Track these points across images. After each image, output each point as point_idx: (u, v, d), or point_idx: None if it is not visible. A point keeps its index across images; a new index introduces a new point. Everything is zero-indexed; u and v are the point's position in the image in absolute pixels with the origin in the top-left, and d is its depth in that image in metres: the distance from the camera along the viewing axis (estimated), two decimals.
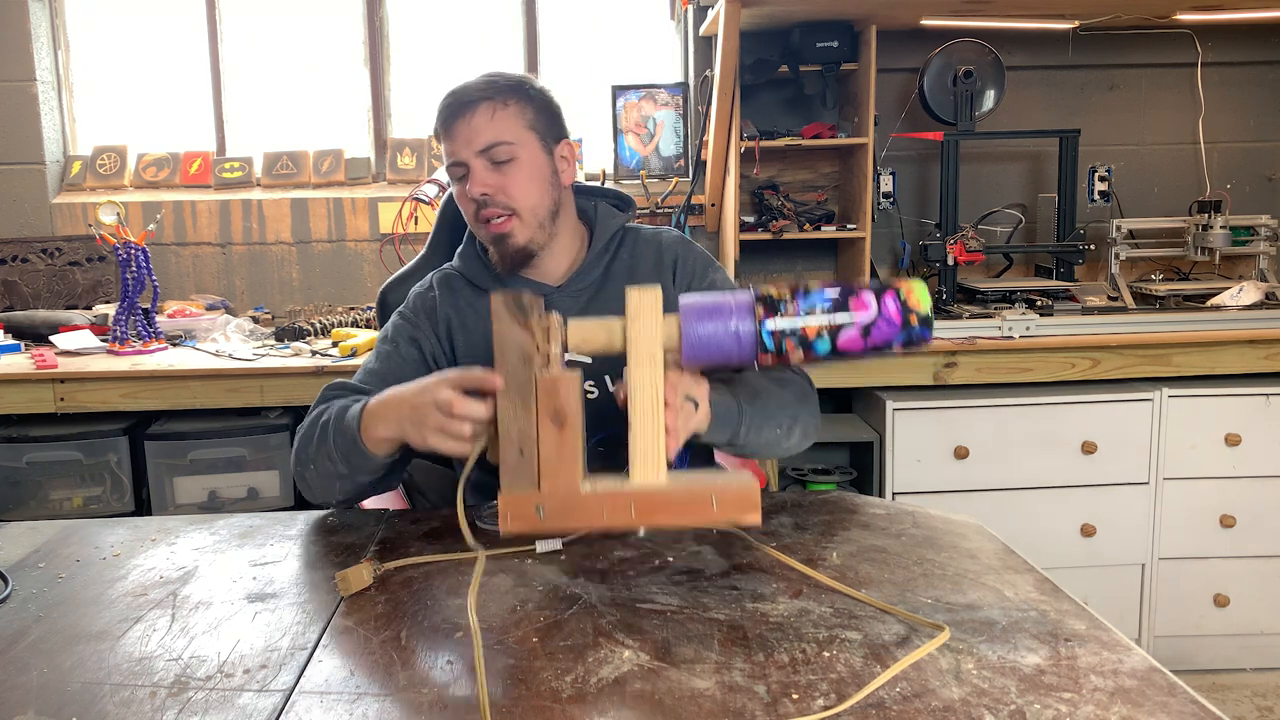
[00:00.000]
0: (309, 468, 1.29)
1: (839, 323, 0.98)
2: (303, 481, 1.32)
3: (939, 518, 1.28)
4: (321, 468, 1.27)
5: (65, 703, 0.85)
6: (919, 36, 2.77)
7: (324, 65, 3.17)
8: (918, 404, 2.40)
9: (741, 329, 0.98)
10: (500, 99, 1.36)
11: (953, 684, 0.84)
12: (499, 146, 1.35)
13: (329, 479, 1.28)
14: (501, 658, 0.91)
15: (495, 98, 1.36)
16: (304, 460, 1.30)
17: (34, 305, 2.88)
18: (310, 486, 1.31)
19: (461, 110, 1.36)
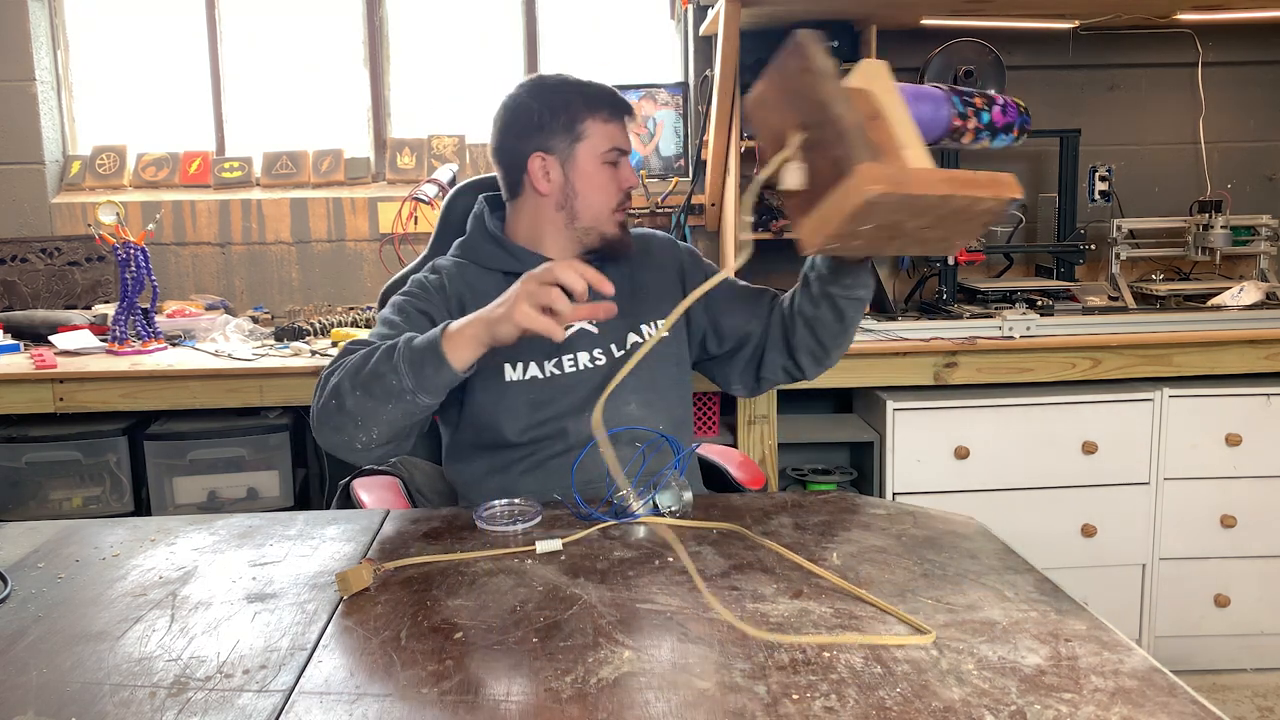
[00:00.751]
0: (348, 403, 1.27)
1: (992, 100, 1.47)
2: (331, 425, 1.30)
3: (939, 518, 1.28)
4: (364, 403, 1.27)
5: (65, 703, 0.84)
6: (919, 36, 2.77)
7: (324, 65, 3.17)
8: (918, 404, 2.40)
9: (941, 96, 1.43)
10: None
11: (953, 684, 0.84)
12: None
13: (372, 414, 1.27)
14: (502, 658, 0.90)
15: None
16: (342, 397, 1.28)
17: (33, 305, 2.88)
18: (341, 428, 1.30)
19: (629, 109, 1.51)
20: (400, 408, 1.27)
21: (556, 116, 1.46)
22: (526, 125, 1.48)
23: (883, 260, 2.96)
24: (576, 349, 1.50)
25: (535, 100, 1.48)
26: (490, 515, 1.28)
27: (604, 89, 1.49)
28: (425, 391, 1.26)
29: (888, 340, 2.41)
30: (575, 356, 1.49)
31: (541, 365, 1.48)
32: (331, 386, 1.30)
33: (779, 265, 3.02)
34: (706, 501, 1.36)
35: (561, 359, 1.48)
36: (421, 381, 1.25)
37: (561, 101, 1.47)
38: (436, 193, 2.65)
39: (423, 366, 1.24)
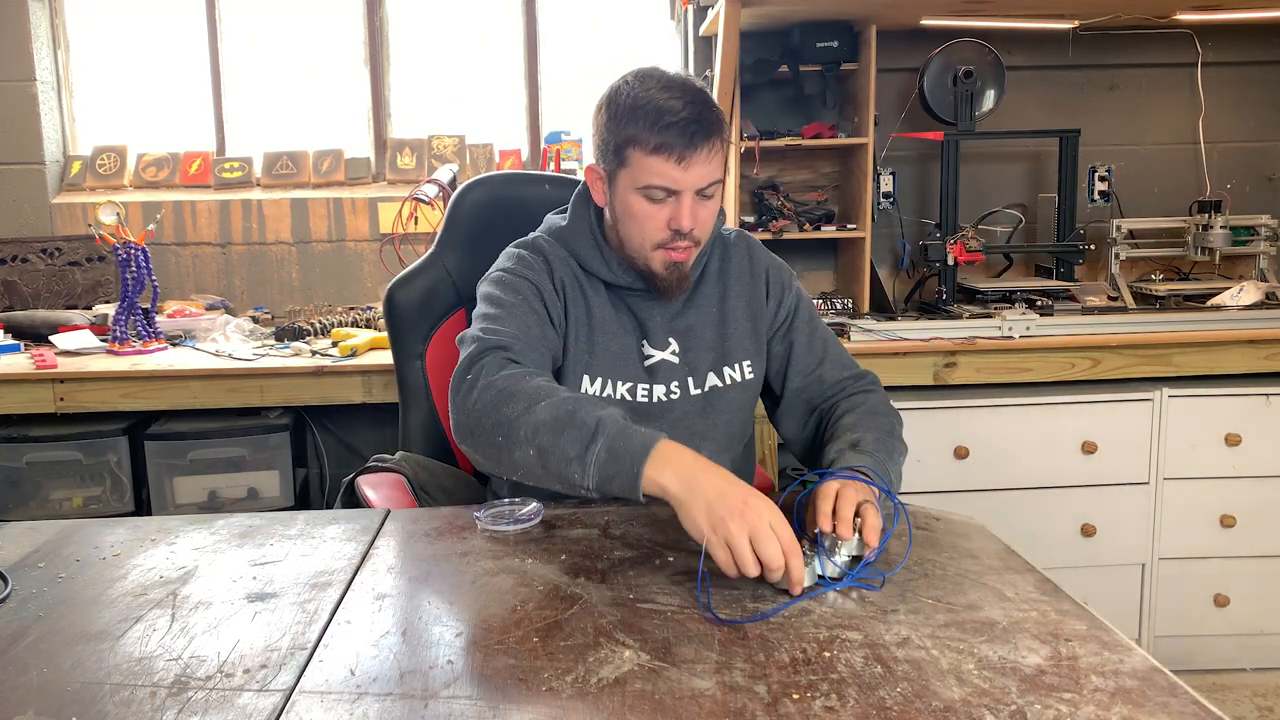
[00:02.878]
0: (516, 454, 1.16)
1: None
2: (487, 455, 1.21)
3: (939, 517, 1.28)
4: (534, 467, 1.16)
5: (65, 703, 0.84)
6: (919, 36, 2.77)
7: (324, 65, 3.17)
8: (918, 404, 2.40)
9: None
10: (719, 135, 1.31)
11: (953, 684, 0.84)
12: (713, 185, 1.33)
13: (535, 476, 1.17)
14: (502, 658, 0.91)
15: (716, 134, 1.30)
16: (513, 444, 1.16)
17: (34, 305, 2.88)
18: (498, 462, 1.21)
19: (697, 143, 1.28)
20: (570, 491, 1.16)
21: (611, 131, 1.32)
22: (595, 128, 1.36)
23: (882, 260, 2.97)
24: (654, 380, 1.42)
25: (609, 104, 1.33)
26: (491, 515, 1.28)
27: (665, 113, 1.27)
28: (601, 495, 1.14)
29: (888, 340, 2.41)
30: (651, 388, 1.41)
31: (616, 386, 1.41)
32: (501, 419, 1.17)
33: None
34: None
35: (637, 386, 1.41)
36: (603, 490, 1.12)
37: (622, 115, 1.30)
38: (437, 193, 2.65)
39: (611, 480, 1.10)
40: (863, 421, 1.35)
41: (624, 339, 1.42)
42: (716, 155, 1.31)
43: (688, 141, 1.27)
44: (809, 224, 2.73)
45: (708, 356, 1.44)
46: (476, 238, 1.70)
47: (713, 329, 1.45)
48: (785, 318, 1.50)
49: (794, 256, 3.00)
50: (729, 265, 1.49)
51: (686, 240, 1.34)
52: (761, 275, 1.49)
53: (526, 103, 3.17)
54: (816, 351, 1.49)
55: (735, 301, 1.47)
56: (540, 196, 1.76)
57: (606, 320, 1.42)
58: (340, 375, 2.34)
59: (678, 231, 1.32)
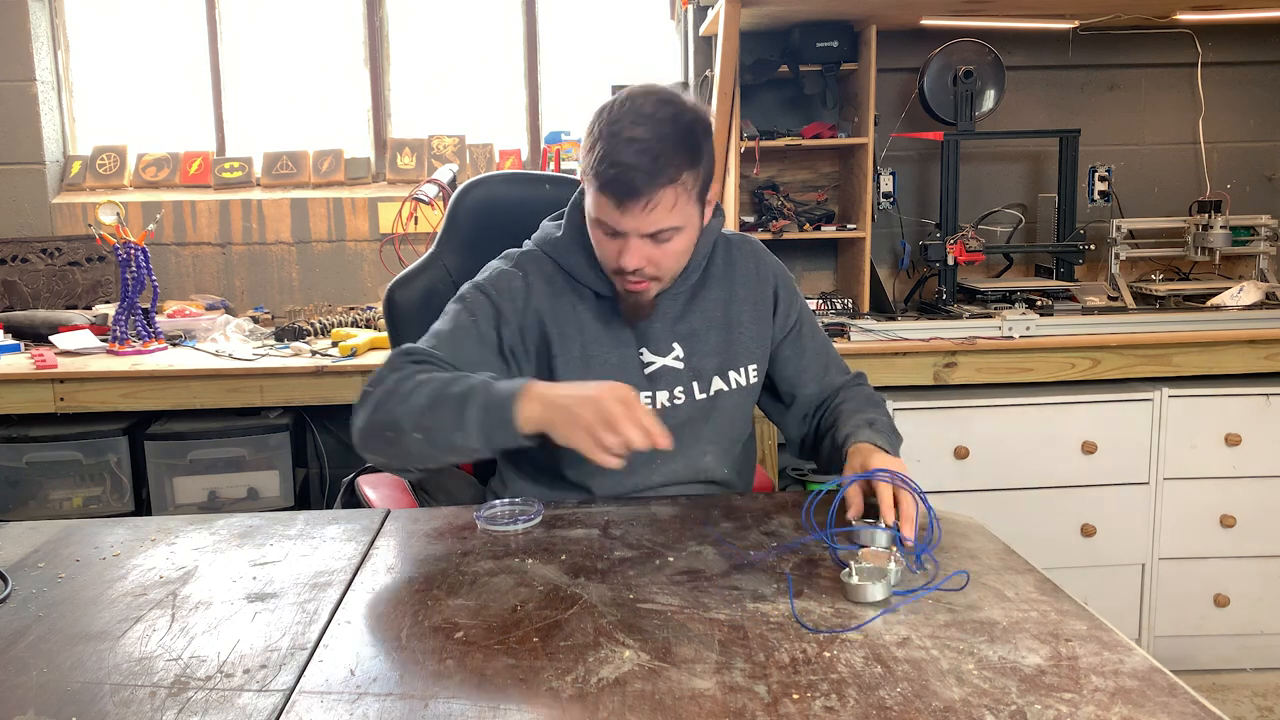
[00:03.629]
0: (406, 443, 1.21)
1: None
2: (381, 452, 1.26)
3: (939, 517, 1.28)
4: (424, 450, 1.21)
5: (65, 703, 0.84)
6: (919, 36, 2.77)
7: (324, 65, 3.17)
8: (918, 404, 2.40)
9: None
10: (682, 179, 1.26)
11: (953, 684, 0.84)
12: (667, 231, 1.29)
13: (430, 458, 1.23)
14: (502, 658, 0.91)
15: (678, 177, 1.25)
16: (400, 433, 1.21)
17: (34, 305, 2.88)
18: (392, 458, 1.26)
19: (635, 195, 1.24)
20: (462, 457, 1.24)
21: (584, 151, 1.31)
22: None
23: (882, 260, 2.97)
24: (657, 387, 1.40)
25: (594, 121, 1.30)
26: (491, 515, 1.28)
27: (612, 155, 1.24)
28: (496, 450, 1.21)
29: (887, 340, 2.41)
30: (655, 395, 1.40)
31: None
32: (387, 416, 1.22)
33: None
34: (707, 502, 1.36)
35: (639, 395, 1.34)
36: (490, 443, 1.18)
37: (594, 140, 1.28)
38: (437, 193, 2.65)
39: (494, 431, 1.17)
40: (867, 407, 1.42)
41: (621, 349, 1.40)
42: (663, 203, 1.25)
43: (625, 191, 1.24)
44: (809, 224, 2.73)
45: (713, 360, 1.43)
46: (476, 238, 1.70)
47: (718, 333, 1.44)
48: (794, 323, 1.50)
49: (794, 256, 3.00)
50: (734, 269, 1.47)
51: (637, 277, 1.32)
52: (769, 279, 1.49)
53: (526, 103, 3.17)
54: (823, 358, 1.52)
55: (741, 305, 1.45)
56: (540, 196, 1.76)
57: (600, 332, 1.40)
58: (340, 375, 2.34)
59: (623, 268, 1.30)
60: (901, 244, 2.88)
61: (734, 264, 1.48)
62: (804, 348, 1.50)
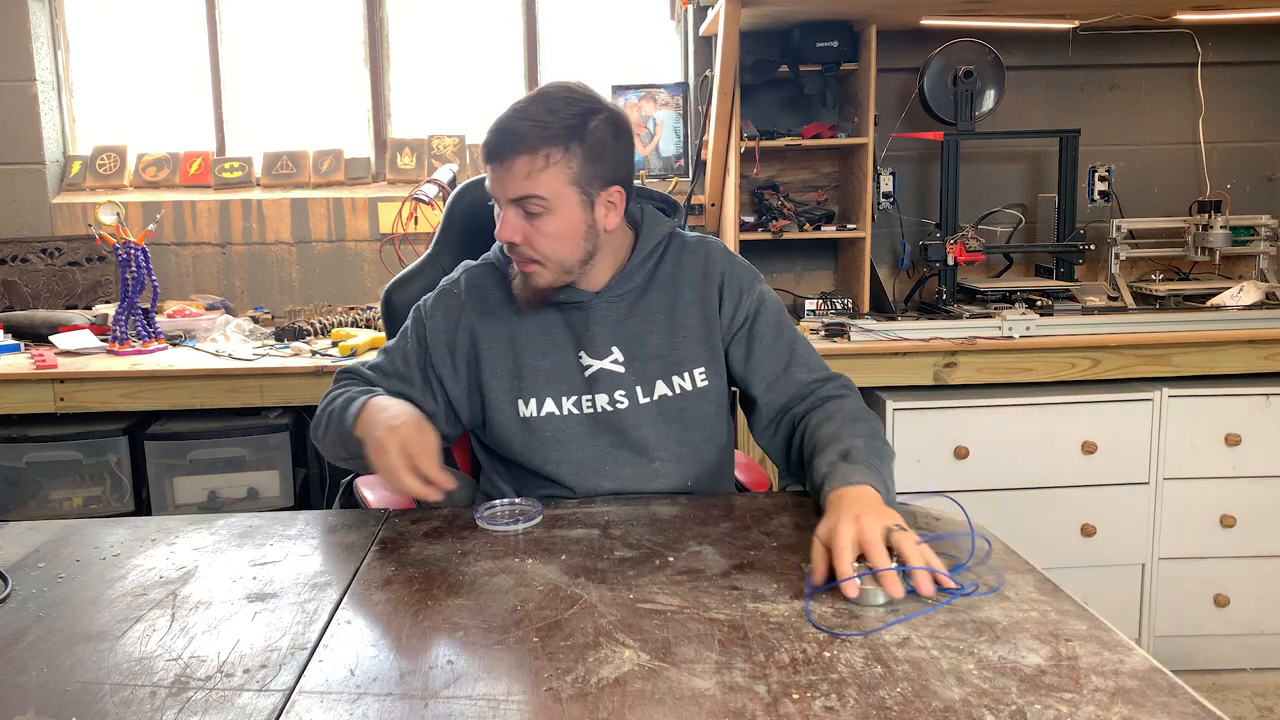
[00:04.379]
0: (322, 444, 1.40)
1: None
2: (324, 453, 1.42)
3: (939, 517, 1.28)
4: (328, 449, 1.39)
5: (65, 703, 0.84)
6: (919, 36, 2.77)
7: (324, 65, 3.17)
8: (918, 404, 2.40)
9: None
10: (545, 151, 1.27)
11: (953, 684, 0.84)
12: (531, 200, 1.29)
13: (335, 457, 1.39)
14: (502, 658, 0.91)
15: (539, 149, 1.27)
16: (317, 438, 1.41)
17: (34, 305, 2.88)
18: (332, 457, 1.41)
19: (500, 153, 1.28)
20: (354, 462, 1.35)
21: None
22: None
23: (882, 260, 2.97)
24: (596, 389, 1.39)
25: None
26: (490, 515, 1.28)
27: (492, 128, 1.30)
28: (359, 458, 1.31)
29: (887, 340, 2.41)
30: (595, 398, 1.39)
31: (560, 403, 1.39)
32: (312, 427, 1.43)
33: (778, 265, 3.03)
34: (707, 502, 1.36)
35: (581, 398, 1.39)
36: (351, 453, 1.33)
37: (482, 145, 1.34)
38: (437, 193, 2.65)
39: (347, 441, 1.32)
40: (844, 429, 1.30)
41: (556, 354, 1.40)
42: (534, 173, 1.27)
43: (492, 150, 1.30)
44: (809, 224, 2.73)
45: (656, 365, 1.40)
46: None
47: (661, 336, 1.41)
48: (744, 321, 1.44)
49: (794, 256, 3.00)
50: (682, 271, 1.44)
51: (515, 253, 1.34)
52: (716, 279, 1.44)
53: None
54: (782, 355, 1.44)
55: (687, 308, 1.42)
56: None
57: (534, 339, 1.40)
58: None
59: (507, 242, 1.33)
60: (901, 244, 2.89)
61: (684, 265, 1.44)
62: (753, 348, 1.43)
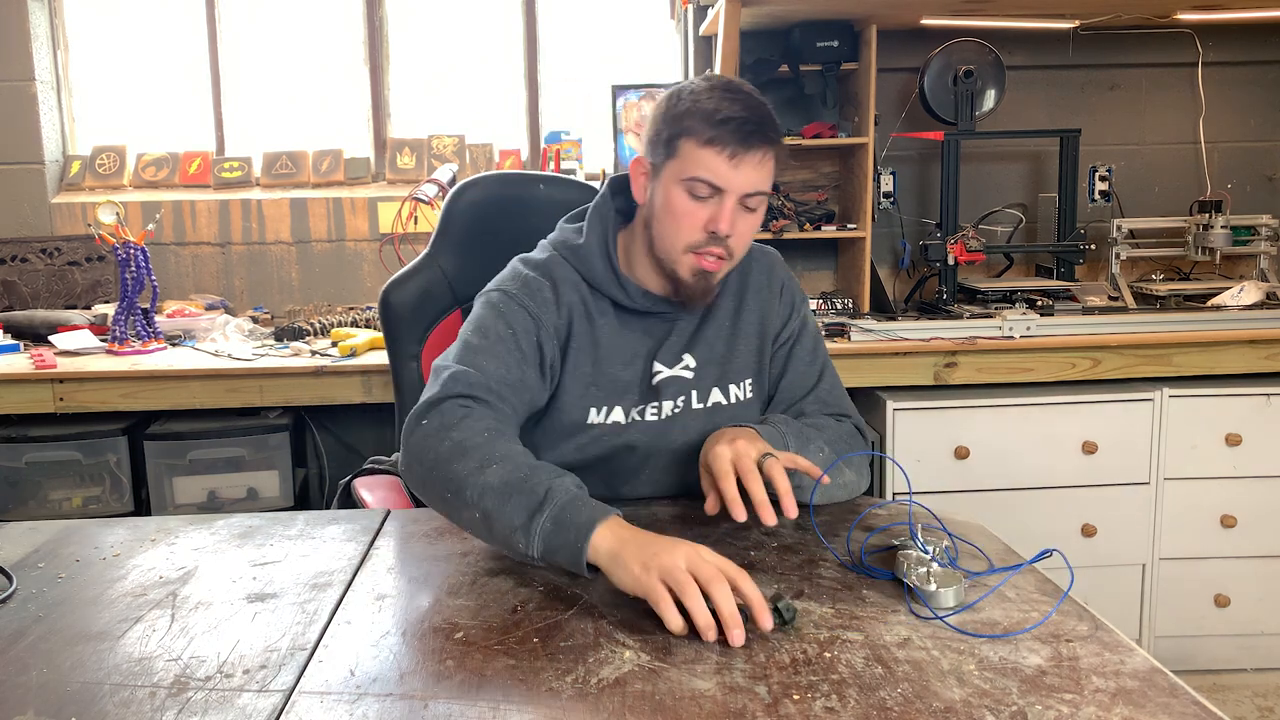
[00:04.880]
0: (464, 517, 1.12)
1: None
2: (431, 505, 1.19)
3: (940, 518, 1.27)
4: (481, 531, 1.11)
5: (65, 703, 0.84)
6: (919, 36, 2.77)
7: (324, 65, 3.17)
8: (918, 404, 2.40)
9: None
10: (773, 146, 1.27)
11: (954, 685, 0.84)
12: (758, 196, 1.27)
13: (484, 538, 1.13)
14: (502, 658, 0.90)
15: (770, 144, 1.26)
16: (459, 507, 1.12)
17: (33, 305, 2.88)
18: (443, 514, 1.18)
19: (751, 144, 1.24)
20: (510, 552, 1.11)
21: (665, 122, 1.28)
22: (650, 120, 1.32)
23: (882, 259, 2.97)
24: (662, 397, 1.36)
25: (670, 98, 1.30)
26: None
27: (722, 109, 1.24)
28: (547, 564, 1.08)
29: (888, 340, 2.41)
30: (660, 405, 1.36)
31: (627, 412, 1.36)
32: (451, 478, 1.11)
33: None
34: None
35: (647, 407, 1.36)
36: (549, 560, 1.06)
37: (678, 109, 1.27)
38: (436, 193, 2.65)
39: (556, 552, 1.04)
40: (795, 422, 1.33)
41: (634, 363, 1.37)
42: (768, 166, 1.26)
43: (742, 139, 1.24)
44: (809, 224, 2.73)
45: (714, 371, 1.40)
46: (472, 238, 1.70)
47: (723, 343, 1.40)
48: (789, 338, 1.44)
49: (794, 256, 3.00)
50: (748, 278, 1.43)
51: (720, 247, 1.28)
52: (778, 290, 1.44)
53: (526, 103, 3.17)
54: (807, 382, 1.42)
55: (749, 316, 1.41)
56: (536, 197, 1.76)
57: (615, 345, 1.36)
58: (340, 375, 2.34)
59: (714, 235, 1.26)
60: (902, 244, 2.89)
61: (749, 274, 1.43)
62: (786, 368, 1.43)
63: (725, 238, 1.27)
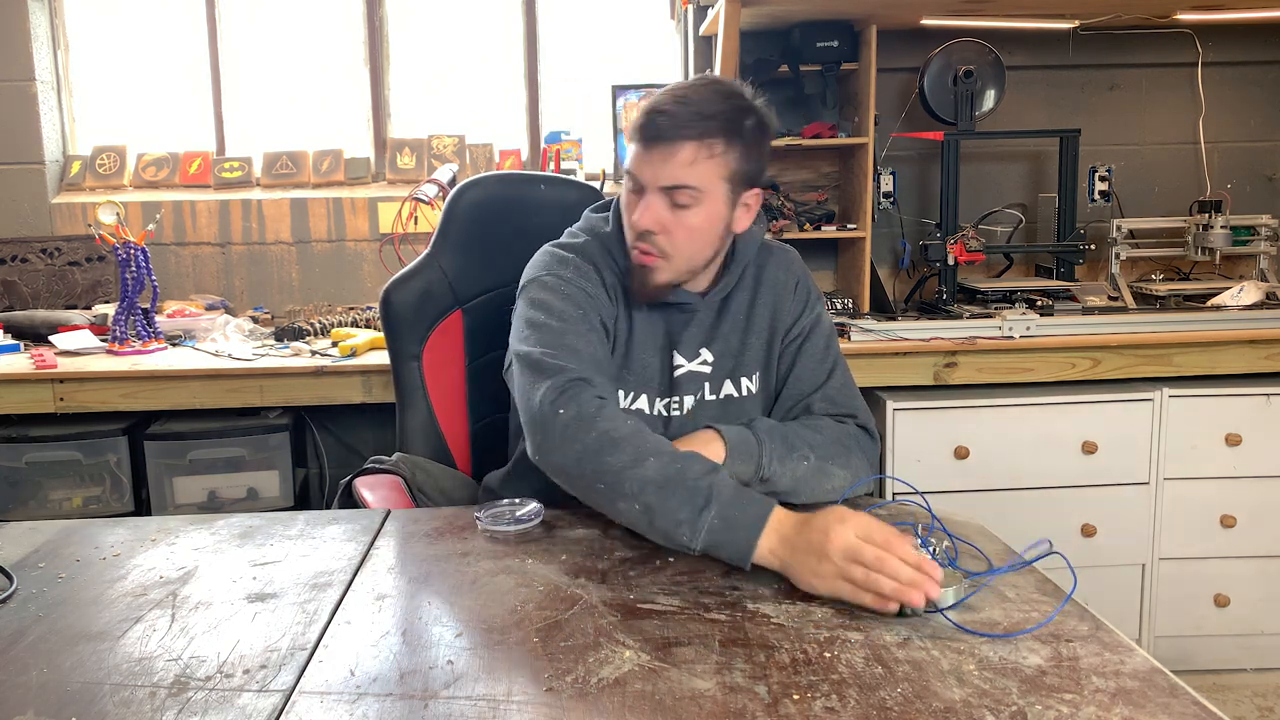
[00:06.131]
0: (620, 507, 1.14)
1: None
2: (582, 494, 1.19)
3: (940, 518, 1.27)
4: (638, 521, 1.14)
5: (65, 703, 0.84)
6: (919, 36, 2.77)
7: (324, 65, 3.17)
8: (918, 404, 2.40)
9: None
10: (710, 142, 1.25)
11: (954, 685, 0.84)
12: (683, 191, 1.26)
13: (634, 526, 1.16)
14: (502, 658, 0.90)
15: (705, 139, 1.25)
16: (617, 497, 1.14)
17: (33, 305, 2.88)
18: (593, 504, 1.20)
19: (665, 136, 1.25)
20: (667, 543, 1.14)
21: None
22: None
23: (882, 260, 2.97)
24: (682, 391, 1.39)
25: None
26: (491, 515, 1.28)
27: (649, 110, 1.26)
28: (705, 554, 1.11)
29: (888, 340, 2.41)
30: (682, 400, 1.39)
31: (652, 402, 1.38)
32: (606, 470, 1.14)
33: None
34: None
35: (670, 401, 1.39)
36: (711, 553, 1.10)
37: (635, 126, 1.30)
38: (436, 193, 2.65)
39: (721, 547, 1.08)
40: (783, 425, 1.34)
41: (658, 353, 1.39)
42: (682, 155, 1.25)
43: (654, 132, 1.25)
44: (809, 224, 2.73)
45: (729, 363, 1.41)
46: (473, 239, 1.70)
47: (738, 337, 1.41)
48: (799, 335, 1.44)
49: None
50: (764, 275, 1.44)
51: (647, 243, 1.29)
52: (793, 286, 1.44)
53: (526, 103, 3.17)
54: (816, 379, 1.42)
55: (762, 310, 1.42)
56: (536, 197, 1.76)
57: (644, 332, 1.38)
58: (340, 375, 2.34)
59: (638, 231, 1.29)
60: (902, 244, 2.88)
61: (766, 270, 1.44)
62: (795, 363, 1.43)
63: (648, 233, 1.28)
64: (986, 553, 1.15)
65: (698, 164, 1.26)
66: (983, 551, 1.15)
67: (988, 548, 1.17)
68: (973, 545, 1.16)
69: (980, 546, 1.17)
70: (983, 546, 1.18)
